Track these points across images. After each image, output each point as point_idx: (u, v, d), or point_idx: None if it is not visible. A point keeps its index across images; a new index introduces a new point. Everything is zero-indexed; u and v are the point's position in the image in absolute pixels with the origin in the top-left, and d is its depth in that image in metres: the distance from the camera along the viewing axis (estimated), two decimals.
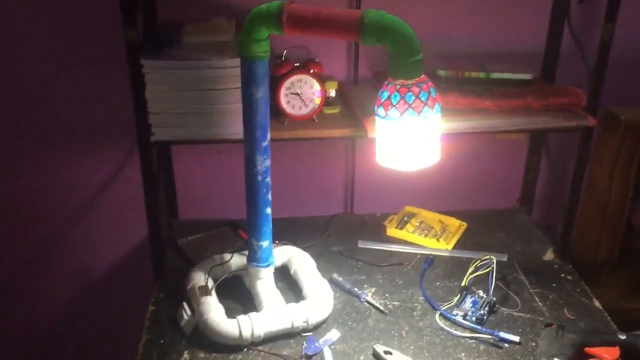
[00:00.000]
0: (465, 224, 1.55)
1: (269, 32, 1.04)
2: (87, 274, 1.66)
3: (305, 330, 1.20)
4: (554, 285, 1.36)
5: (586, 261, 1.70)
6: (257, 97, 1.09)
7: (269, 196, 1.20)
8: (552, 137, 1.57)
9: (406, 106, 0.98)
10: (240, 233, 1.48)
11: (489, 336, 1.19)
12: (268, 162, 1.16)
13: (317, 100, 1.27)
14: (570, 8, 1.39)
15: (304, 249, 1.41)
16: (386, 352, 1.14)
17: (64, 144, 1.50)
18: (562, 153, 1.62)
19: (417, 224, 1.55)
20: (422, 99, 0.98)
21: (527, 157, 1.60)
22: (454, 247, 1.48)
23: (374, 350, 1.16)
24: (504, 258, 1.42)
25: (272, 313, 1.19)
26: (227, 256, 1.33)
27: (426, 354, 1.16)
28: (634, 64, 1.51)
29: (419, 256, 1.45)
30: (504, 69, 1.39)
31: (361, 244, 1.48)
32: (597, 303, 1.31)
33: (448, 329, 1.22)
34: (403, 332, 1.21)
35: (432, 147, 1.03)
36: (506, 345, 1.18)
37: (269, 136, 1.14)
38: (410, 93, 0.98)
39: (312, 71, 1.26)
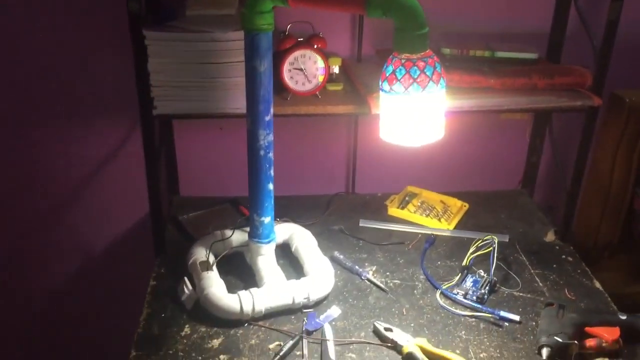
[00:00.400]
0: (467, 205, 1.54)
1: (273, 4, 1.03)
2: (87, 249, 1.66)
3: (306, 306, 1.20)
4: (554, 266, 1.36)
5: (587, 245, 1.70)
6: (260, 70, 1.08)
7: (271, 172, 1.19)
8: (555, 119, 1.56)
9: (411, 80, 0.97)
10: (241, 209, 1.47)
11: (490, 315, 1.19)
12: (271, 137, 1.15)
13: (321, 77, 1.26)
14: None
15: (305, 227, 1.40)
16: (386, 329, 1.14)
17: (65, 117, 1.50)
18: (566, 135, 1.61)
19: (419, 204, 1.54)
20: (427, 73, 0.97)
21: (531, 138, 1.59)
22: (455, 227, 1.47)
23: (375, 327, 1.16)
24: (506, 239, 1.42)
25: (273, 289, 1.18)
26: (228, 232, 1.32)
27: (426, 332, 1.16)
28: (637, 46, 1.50)
29: (420, 236, 1.44)
30: (509, 48, 1.38)
31: (362, 223, 1.48)
32: (597, 284, 1.30)
33: (448, 307, 1.22)
34: (404, 310, 1.21)
35: (436, 123, 1.03)
36: (506, 324, 1.18)
37: (272, 110, 1.13)
38: (415, 67, 0.97)
39: (315, 47, 1.25)
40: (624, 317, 1.14)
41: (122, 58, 1.41)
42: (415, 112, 1.00)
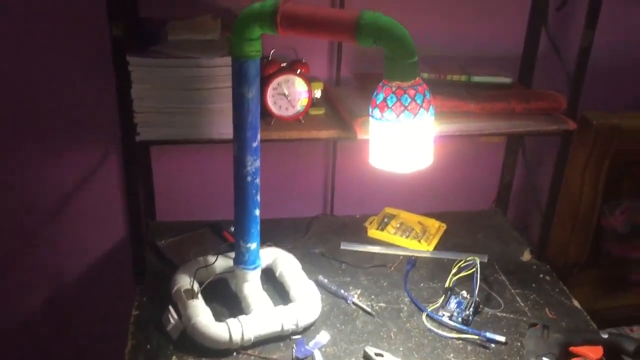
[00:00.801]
0: (444, 225, 1.56)
1: (262, 31, 1.03)
2: (61, 278, 1.61)
3: (294, 333, 1.19)
4: (533, 285, 1.39)
5: (558, 263, 1.74)
6: (249, 97, 1.08)
7: (258, 197, 1.18)
8: (527, 140, 1.60)
9: (402, 108, 0.98)
10: (225, 235, 1.45)
11: (476, 337, 1.21)
12: (258, 163, 1.15)
13: (304, 101, 1.27)
14: (547, 15, 1.42)
15: (287, 251, 1.40)
16: (377, 354, 1.14)
17: (38, 141, 1.45)
18: (537, 155, 1.65)
19: (398, 225, 1.56)
20: (418, 101, 0.99)
21: (504, 159, 1.62)
22: (435, 248, 1.49)
23: (365, 352, 1.15)
24: (485, 259, 1.44)
25: (262, 316, 1.17)
26: (211, 258, 1.31)
27: (416, 355, 1.17)
28: (606, 69, 1.55)
29: (401, 257, 1.45)
30: (484, 72, 1.42)
31: (343, 246, 1.48)
32: (576, 303, 1.34)
33: (435, 329, 1.23)
34: (392, 334, 1.22)
35: (426, 149, 1.04)
36: (492, 345, 1.20)
37: (259, 137, 1.13)
38: (406, 95, 0.98)
39: (298, 72, 1.26)
40: (605, 336, 1.17)
41: (97, 82, 1.40)
42: (407, 139, 1.01)
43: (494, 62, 1.51)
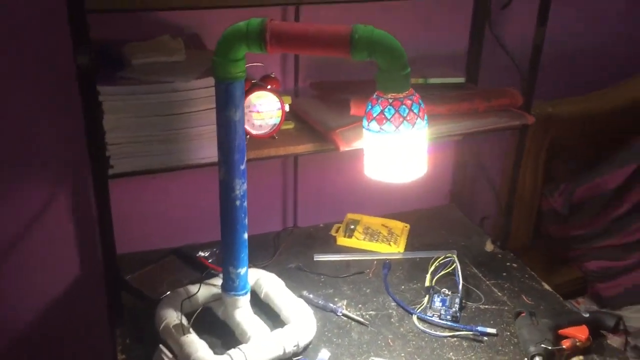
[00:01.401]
0: (407, 225, 1.59)
1: (249, 51, 1.00)
2: (14, 324, 1.47)
3: (296, 354, 1.17)
4: (504, 274, 1.44)
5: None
6: (235, 119, 1.04)
7: (246, 221, 1.15)
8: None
9: (401, 119, 0.99)
10: (200, 261, 1.39)
11: (468, 332, 1.24)
12: (245, 186, 1.11)
13: (278, 117, 1.24)
14: (491, 14, 1.48)
15: (261, 269, 1.37)
16: None
17: None
18: (480, 148, 1.72)
19: (364, 230, 1.57)
20: (415, 111, 1.00)
21: (455, 155, 1.68)
22: (405, 249, 1.51)
23: None
24: (454, 254, 1.48)
25: (262, 342, 1.14)
26: (193, 288, 1.25)
27: (418, 359, 1.18)
28: (545, 61, 1.64)
29: (375, 262, 1.46)
30: (438, 73, 1.45)
31: (317, 257, 1.47)
32: (546, 286, 1.41)
33: (429, 330, 1.25)
34: (389, 341, 1.22)
35: (422, 158, 1.05)
36: (485, 338, 1.24)
37: (245, 159, 1.09)
38: (404, 106, 0.99)
39: (269, 87, 1.23)
40: (587, 315, 1.25)
41: (51, 111, 1.30)
42: (405, 149, 1.01)
43: (440, 61, 1.55)
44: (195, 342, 1.13)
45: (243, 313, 1.20)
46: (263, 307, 1.28)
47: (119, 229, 1.45)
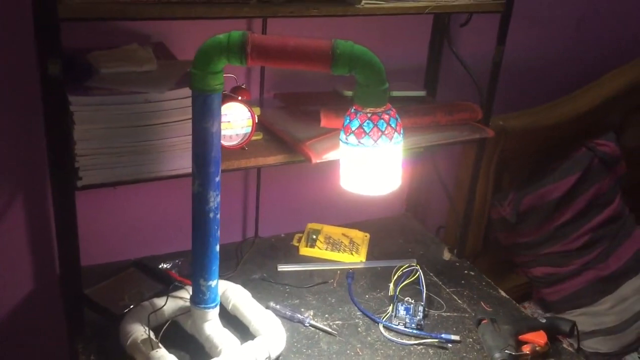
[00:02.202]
0: (368, 235, 1.62)
1: (229, 63, 0.99)
2: None
3: None
4: (462, 282, 1.49)
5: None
6: (212, 131, 1.03)
7: (219, 233, 1.14)
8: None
9: (380, 133, 1.01)
10: (169, 273, 1.36)
11: (434, 340, 1.28)
12: (219, 198, 1.10)
13: (248, 128, 1.23)
14: (450, 31, 1.52)
15: (227, 280, 1.36)
16: None
17: None
18: (436, 159, 1.77)
19: (325, 240, 1.58)
20: (392, 125, 1.02)
21: (412, 164, 1.72)
22: (366, 258, 1.54)
23: None
24: (414, 263, 1.52)
25: (234, 355, 1.13)
26: (158, 301, 1.23)
27: None
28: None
29: (338, 272, 1.48)
30: (399, 87, 1.49)
31: (280, 268, 1.47)
32: (503, 293, 1.47)
33: (395, 339, 1.28)
34: (358, 350, 1.24)
35: (398, 171, 1.08)
36: (449, 345, 1.28)
37: (220, 170, 1.09)
38: (382, 120, 1.01)
39: (240, 98, 1.22)
40: (543, 321, 1.30)
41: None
42: (383, 162, 1.03)
43: (400, 75, 1.59)
44: (165, 357, 1.11)
45: (212, 326, 1.18)
46: (231, 320, 1.27)
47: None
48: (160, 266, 1.41)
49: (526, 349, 1.23)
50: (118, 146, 1.07)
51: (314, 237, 1.58)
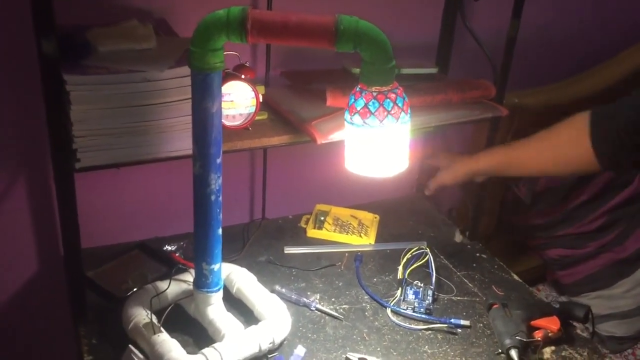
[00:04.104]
0: (377, 216, 1.58)
1: (229, 40, 0.95)
2: None
3: (271, 351, 1.14)
4: (474, 265, 1.45)
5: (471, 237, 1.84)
6: (213, 111, 0.99)
7: (221, 216, 1.11)
8: None
9: (386, 113, 0.97)
10: (173, 256, 1.34)
11: (442, 325, 1.24)
12: (221, 180, 1.07)
13: (252, 108, 1.20)
14: (464, 5, 1.46)
15: (231, 263, 1.33)
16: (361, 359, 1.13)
17: None
18: (448, 138, 1.72)
19: (333, 221, 1.54)
20: (399, 104, 0.98)
21: (423, 144, 1.67)
22: (375, 241, 1.50)
23: (348, 359, 1.14)
24: (424, 245, 1.48)
25: (237, 340, 1.10)
26: (161, 284, 1.21)
27: (394, 354, 1.17)
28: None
29: (346, 254, 1.45)
30: (410, 64, 1.44)
31: (287, 250, 1.44)
32: (515, 277, 1.43)
33: (403, 324, 1.25)
34: (364, 335, 1.21)
35: (405, 152, 1.03)
36: (459, 330, 1.24)
37: (221, 152, 1.05)
38: (388, 100, 0.97)
39: (243, 77, 1.18)
40: (557, 306, 1.27)
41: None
42: (389, 143, 0.99)
43: (412, 51, 1.54)
44: (167, 342, 1.08)
45: (216, 310, 1.16)
46: (235, 303, 1.25)
47: (80, 223, 1.39)
48: (164, 248, 1.39)
49: (538, 335, 1.20)
50: (116, 127, 1.04)
51: (322, 218, 1.54)
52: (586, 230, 1.82)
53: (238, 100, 1.18)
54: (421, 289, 1.32)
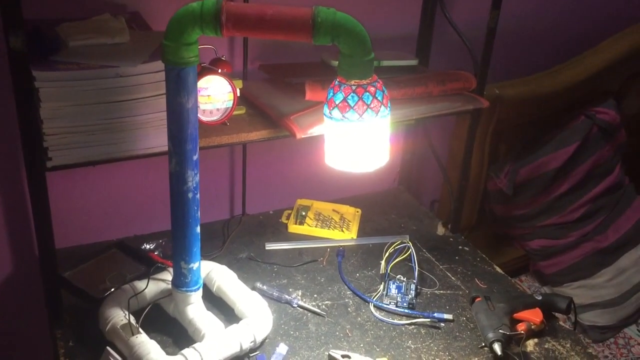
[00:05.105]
0: (359, 210, 1.57)
1: (203, 33, 0.92)
2: None
3: (252, 350, 1.13)
4: (456, 258, 1.44)
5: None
6: (188, 106, 0.97)
7: (199, 214, 1.08)
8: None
9: (365, 107, 0.95)
10: (151, 255, 1.31)
11: (426, 319, 1.23)
12: (198, 177, 1.05)
13: (230, 102, 1.17)
14: None
15: (211, 260, 1.31)
16: (344, 356, 1.12)
17: None
18: (429, 131, 1.71)
19: (315, 216, 1.53)
20: (379, 98, 0.96)
21: (405, 137, 1.66)
22: (357, 235, 1.49)
23: (331, 356, 1.13)
24: (406, 239, 1.47)
25: (218, 340, 1.08)
26: (140, 284, 1.18)
27: (377, 349, 1.16)
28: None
29: (328, 249, 1.43)
30: (390, 56, 1.42)
31: (269, 246, 1.42)
32: (498, 269, 1.42)
33: (386, 319, 1.23)
34: (347, 331, 1.20)
35: (385, 146, 1.02)
36: (442, 324, 1.23)
37: (198, 148, 1.03)
38: (367, 93, 0.95)
39: (220, 71, 1.16)
40: (539, 298, 1.26)
41: None
42: (369, 137, 0.98)
43: (391, 43, 1.52)
44: (146, 343, 1.06)
45: (195, 309, 1.14)
46: (215, 302, 1.23)
47: (55, 222, 1.35)
48: (142, 247, 1.36)
49: (521, 328, 1.19)
50: (89, 124, 1.01)
51: (303, 213, 1.53)
52: (568, 220, 1.82)
53: (215, 94, 1.15)
54: (404, 283, 1.31)
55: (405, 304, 1.26)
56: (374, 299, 1.28)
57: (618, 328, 1.81)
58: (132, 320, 1.12)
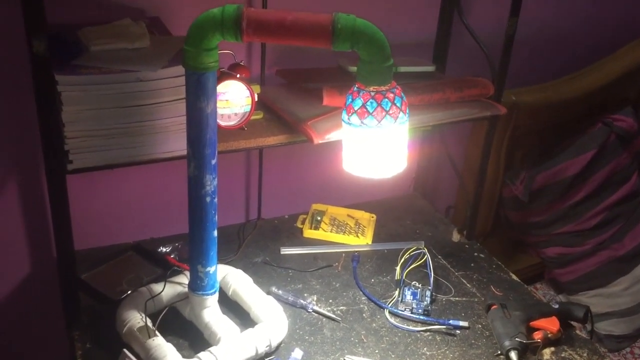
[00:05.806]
0: (374, 216, 1.57)
1: (224, 39, 0.93)
2: None
3: (268, 354, 1.13)
4: (472, 265, 1.44)
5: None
6: (208, 111, 0.98)
7: (216, 218, 1.09)
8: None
9: (384, 113, 0.95)
10: (167, 258, 1.32)
11: (441, 326, 1.23)
12: (216, 182, 1.05)
13: (248, 107, 1.18)
14: (461, 2, 1.44)
15: (227, 264, 1.32)
16: None
17: None
18: (446, 137, 1.70)
19: (330, 221, 1.53)
20: (397, 104, 0.96)
21: (421, 143, 1.66)
22: (372, 241, 1.49)
23: None
24: (421, 245, 1.47)
25: (234, 343, 1.09)
26: (156, 287, 1.19)
27: (392, 355, 1.16)
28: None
29: (343, 254, 1.43)
30: (408, 62, 1.42)
31: (284, 251, 1.42)
32: (514, 276, 1.41)
33: (401, 325, 1.23)
34: (362, 337, 1.20)
35: (403, 152, 1.02)
36: (458, 331, 1.23)
37: (217, 153, 1.03)
38: (386, 99, 0.95)
39: (238, 76, 1.16)
40: (556, 307, 1.25)
41: None
42: (387, 143, 0.98)
43: (408, 49, 1.52)
44: (162, 346, 1.07)
45: (211, 313, 1.15)
46: (231, 306, 1.23)
47: (73, 224, 1.37)
48: (159, 250, 1.37)
49: (538, 336, 1.19)
50: (109, 128, 1.02)
51: (319, 218, 1.53)
52: (584, 228, 1.81)
53: (233, 99, 1.16)
54: (419, 289, 1.31)
55: (420, 311, 1.26)
56: (389, 305, 1.27)
57: (634, 337, 1.79)
58: (149, 322, 1.12)
